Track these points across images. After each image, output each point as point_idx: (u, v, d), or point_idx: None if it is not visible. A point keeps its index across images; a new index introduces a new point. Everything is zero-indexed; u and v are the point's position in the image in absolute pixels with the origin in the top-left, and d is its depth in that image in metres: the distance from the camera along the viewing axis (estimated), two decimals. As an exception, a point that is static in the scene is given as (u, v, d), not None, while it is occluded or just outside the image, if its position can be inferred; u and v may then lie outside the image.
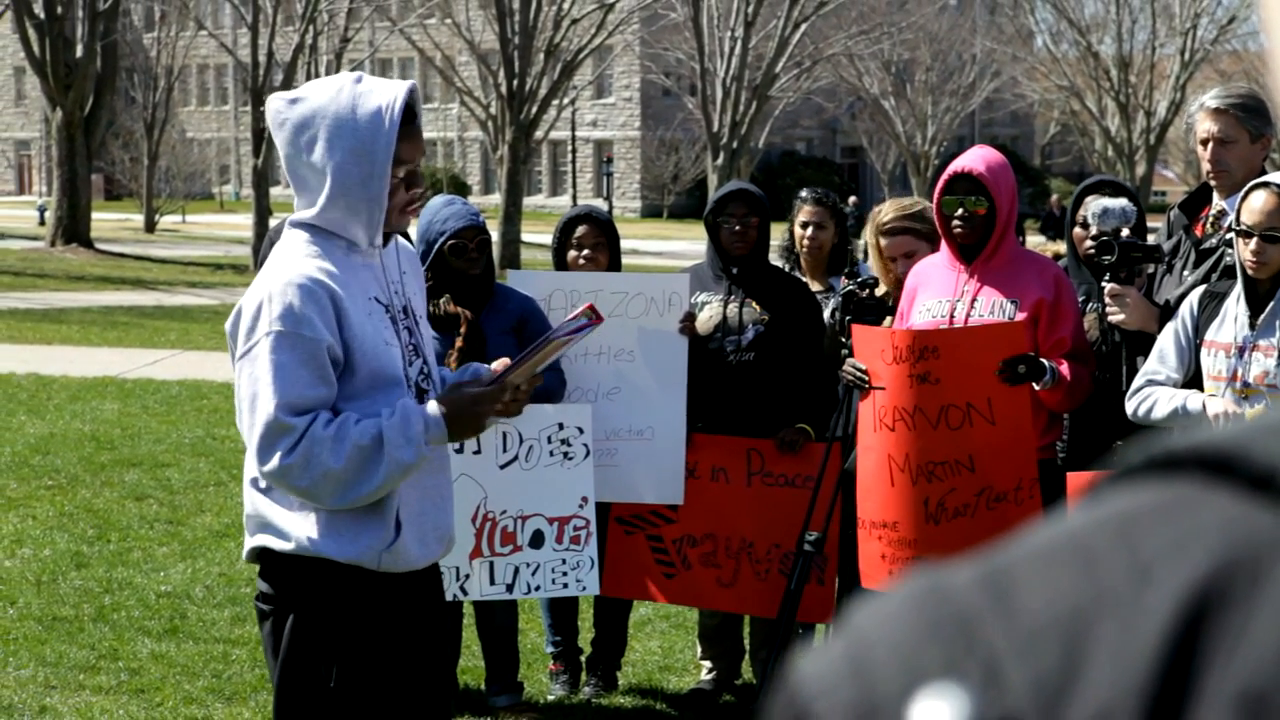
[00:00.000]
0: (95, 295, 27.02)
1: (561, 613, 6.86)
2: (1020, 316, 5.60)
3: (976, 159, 5.74)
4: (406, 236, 3.88)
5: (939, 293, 5.75)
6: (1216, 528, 0.62)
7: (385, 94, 3.77)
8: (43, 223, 45.36)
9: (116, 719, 6.23)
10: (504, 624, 6.49)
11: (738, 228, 6.49)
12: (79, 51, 36.56)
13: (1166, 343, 5.27)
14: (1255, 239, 5.04)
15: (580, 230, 6.62)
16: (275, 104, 3.83)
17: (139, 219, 52.52)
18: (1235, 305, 5.14)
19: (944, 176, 5.72)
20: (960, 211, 5.65)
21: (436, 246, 5.93)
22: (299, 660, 3.85)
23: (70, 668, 6.82)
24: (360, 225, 3.78)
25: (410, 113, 3.82)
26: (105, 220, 48.72)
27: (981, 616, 0.62)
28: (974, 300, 5.68)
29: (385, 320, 3.84)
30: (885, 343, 5.62)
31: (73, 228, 37.11)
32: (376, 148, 3.73)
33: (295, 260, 3.77)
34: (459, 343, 5.97)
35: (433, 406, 3.76)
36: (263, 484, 3.82)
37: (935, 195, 5.73)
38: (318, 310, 3.69)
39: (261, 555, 3.88)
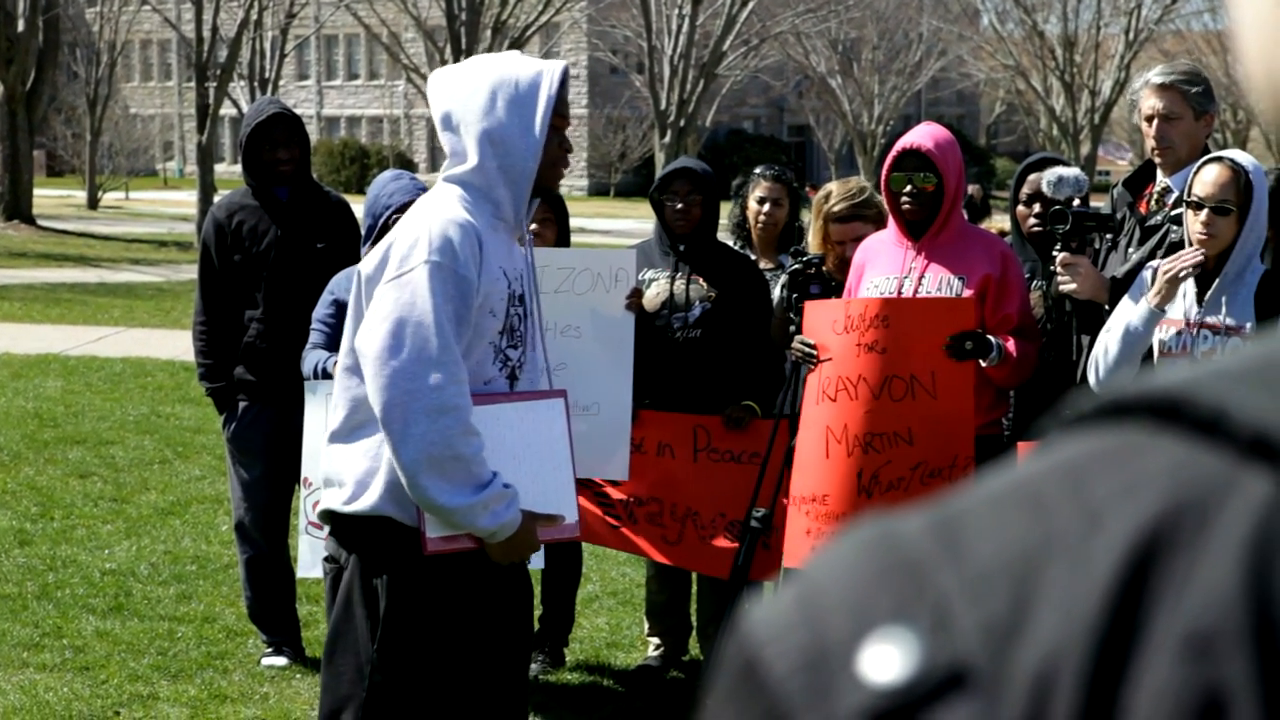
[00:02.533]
0: (37, 272, 26.79)
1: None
2: (968, 293, 5.63)
3: (924, 135, 5.77)
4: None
5: (887, 269, 5.77)
6: (1164, 472, 0.62)
7: (547, 63, 4.02)
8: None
9: (61, 696, 6.19)
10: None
11: (680, 205, 6.50)
12: (20, 26, 36.20)
13: (1122, 314, 5.30)
14: (1206, 211, 5.07)
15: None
16: (438, 79, 4.06)
17: (82, 195, 52.09)
18: (1185, 282, 5.18)
19: (892, 153, 5.74)
20: (909, 188, 5.67)
21: (382, 220, 5.93)
22: (395, 623, 3.94)
23: (14, 645, 6.78)
24: (517, 176, 3.94)
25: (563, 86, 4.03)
26: (47, 197, 48.30)
27: (931, 561, 0.62)
28: (921, 276, 5.71)
29: (505, 293, 3.96)
30: (839, 313, 5.64)
31: (14, 204, 36.77)
32: (539, 101, 3.92)
33: (453, 205, 3.91)
34: None
35: (519, 515, 3.89)
36: (349, 440, 3.91)
37: (884, 172, 5.75)
38: (472, 253, 3.83)
39: (334, 515, 4.00)
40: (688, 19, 41.80)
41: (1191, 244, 5.14)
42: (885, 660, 0.60)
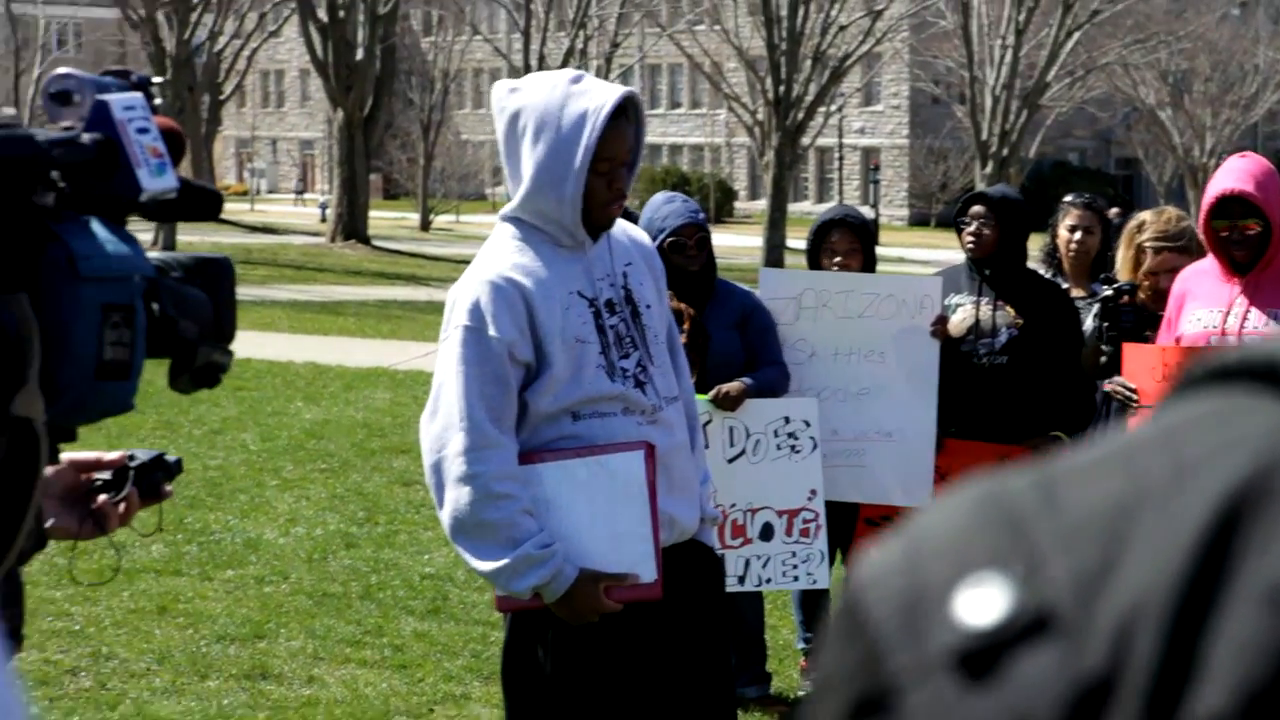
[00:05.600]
0: (371, 290, 27.89)
1: (813, 610, 6.90)
2: None
3: (1243, 177, 5.53)
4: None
5: (1209, 302, 5.60)
6: (1260, 431, 0.64)
7: (597, 98, 3.78)
8: (324, 219, 46.87)
9: (380, 692, 6.49)
10: (750, 616, 6.59)
11: (973, 227, 6.43)
12: (359, 54, 37.71)
13: None
14: None
15: (834, 236, 6.57)
16: (498, 91, 3.91)
17: (414, 217, 53.90)
18: None
19: (1210, 198, 5.51)
20: (1232, 235, 5.51)
21: (656, 244, 6.03)
22: (517, 647, 3.97)
23: (337, 641, 7.12)
24: (558, 221, 3.84)
25: (623, 112, 3.83)
26: (383, 218, 50.12)
27: (1030, 514, 0.65)
28: (1246, 313, 5.54)
29: (588, 315, 3.87)
30: (1156, 360, 5.54)
31: (351, 225, 38.32)
32: (576, 149, 3.75)
33: (495, 257, 3.87)
34: (683, 339, 6.06)
35: (569, 574, 3.80)
36: None
37: (1202, 217, 5.58)
38: (507, 308, 3.78)
39: None
40: (1011, 49, 41.29)
41: None
42: (978, 604, 0.63)
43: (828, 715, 0.66)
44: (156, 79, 1.81)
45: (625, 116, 3.83)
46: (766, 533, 6.19)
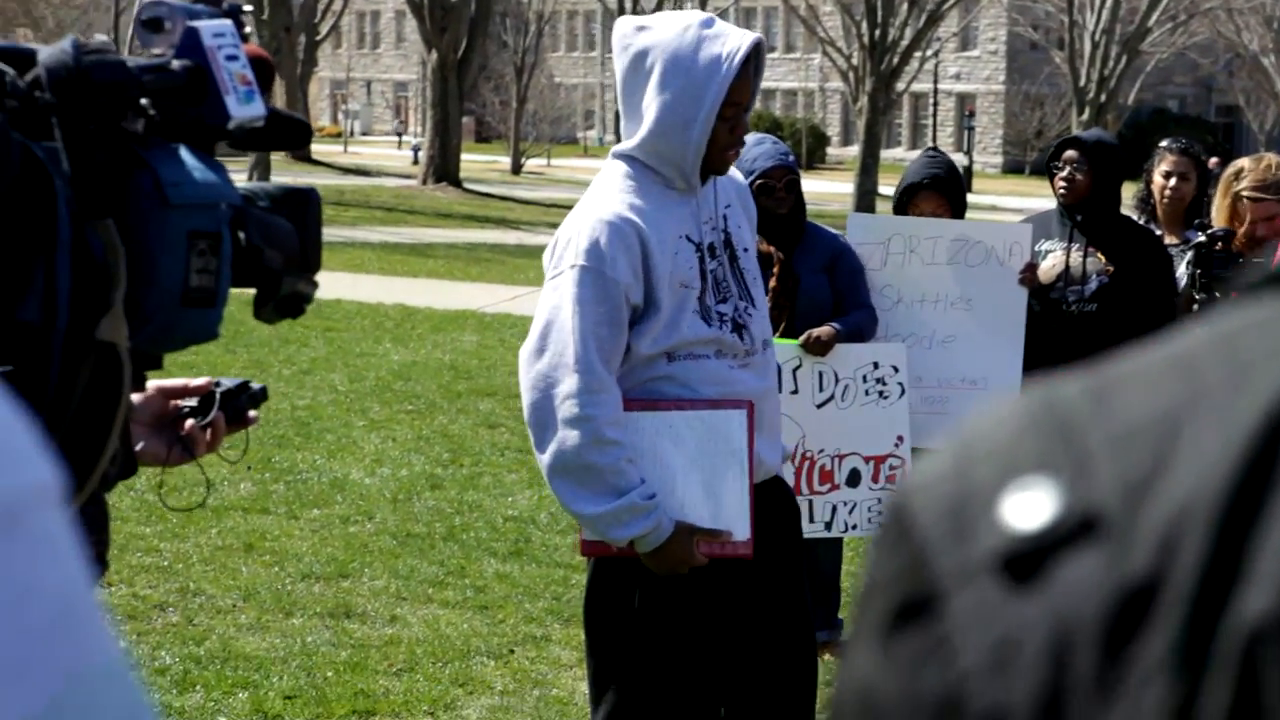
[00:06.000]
0: (461, 232, 27.98)
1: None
2: None
3: None
4: None
5: None
6: None
7: (730, 43, 3.75)
8: (416, 162, 47.06)
9: (461, 632, 6.52)
10: (826, 561, 6.56)
11: (1065, 172, 6.33)
12: (454, -4, 37.71)
13: None
14: None
15: (920, 199, 6.50)
16: (623, 27, 3.87)
17: (506, 161, 54.00)
18: None
19: None
20: None
21: (749, 184, 6.01)
22: (601, 592, 3.96)
23: (420, 581, 7.17)
24: (677, 165, 3.80)
25: (750, 61, 3.80)
26: (474, 161, 50.25)
27: (1080, 418, 0.64)
28: None
29: (693, 259, 3.85)
30: None
31: (443, 167, 38.42)
32: (707, 94, 3.72)
33: (609, 196, 3.82)
34: (773, 283, 6.02)
35: (666, 527, 3.77)
36: None
37: None
38: (624, 250, 3.73)
39: None
40: (1112, -7, 40.68)
41: None
42: (1024, 507, 0.62)
43: (871, 620, 0.66)
44: (247, 6, 1.80)
45: (750, 62, 3.80)
46: (854, 479, 6.17)
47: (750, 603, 3.98)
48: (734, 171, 4.13)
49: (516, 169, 51.96)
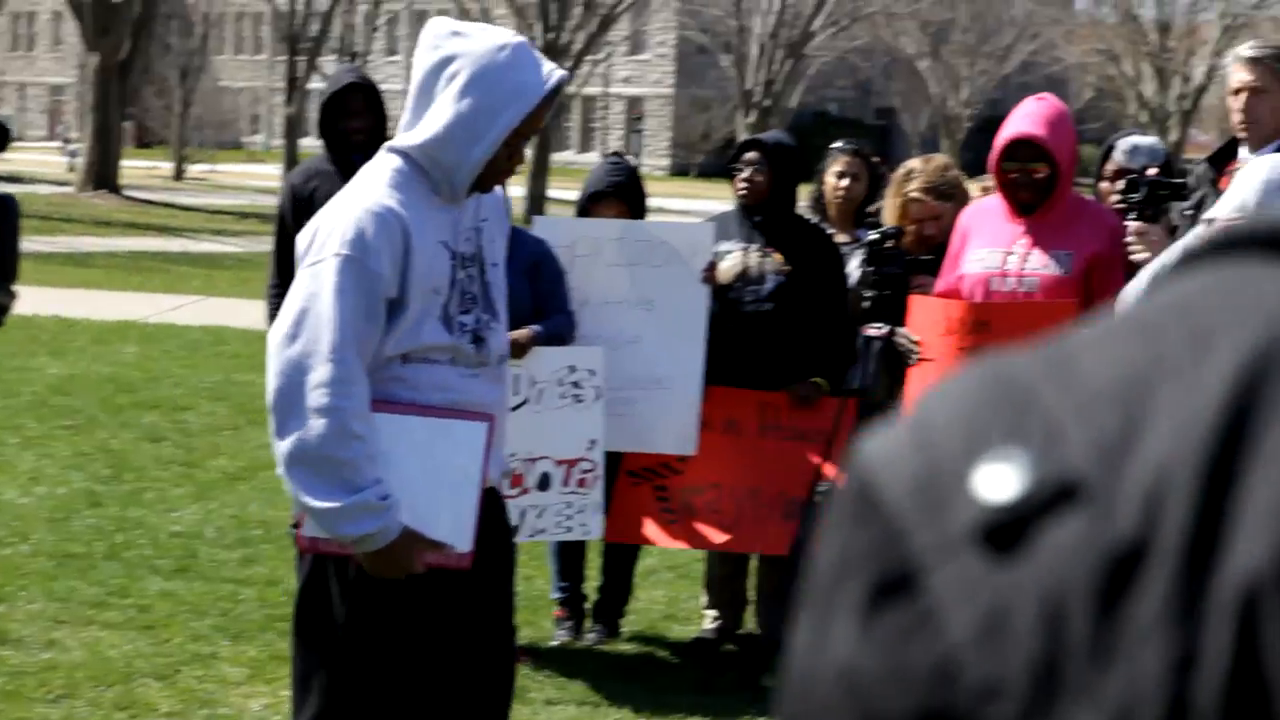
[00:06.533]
0: (121, 240, 27.08)
1: (568, 559, 6.84)
2: (1073, 269, 5.50)
3: (1036, 121, 5.56)
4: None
5: (991, 241, 5.65)
6: (1275, 297, 0.64)
7: (539, 74, 3.78)
8: (72, 169, 45.45)
9: (124, 654, 6.23)
10: None
11: (745, 173, 6.42)
12: (115, -4, 36.55)
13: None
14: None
15: (603, 204, 6.58)
16: (437, 27, 3.85)
17: (168, 166, 52.60)
18: None
19: (1002, 140, 5.56)
20: (1020, 178, 5.54)
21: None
22: (314, 591, 3.89)
23: (80, 603, 6.83)
24: (449, 176, 3.78)
25: (553, 96, 3.83)
26: (135, 168, 48.78)
27: (1042, 386, 0.64)
28: (1027, 254, 5.58)
29: (447, 266, 3.82)
30: (940, 314, 5.55)
31: (103, 174, 37.17)
32: (503, 116, 3.73)
33: (378, 189, 3.77)
34: None
35: (394, 530, 3.68)
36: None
37: (993, 159, 5.60)
38: (388, 244, 3.69)
39: None
40: (778, -2, 41.64)
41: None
42: (998, 478, 0.62)
43: (847, 599, 0.65)
44: None
45: (552, 98, 3.83)
46: (544, 483, 6.18)
47: (460, 613, 3.94)
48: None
49: (179, 175, 50.65)
